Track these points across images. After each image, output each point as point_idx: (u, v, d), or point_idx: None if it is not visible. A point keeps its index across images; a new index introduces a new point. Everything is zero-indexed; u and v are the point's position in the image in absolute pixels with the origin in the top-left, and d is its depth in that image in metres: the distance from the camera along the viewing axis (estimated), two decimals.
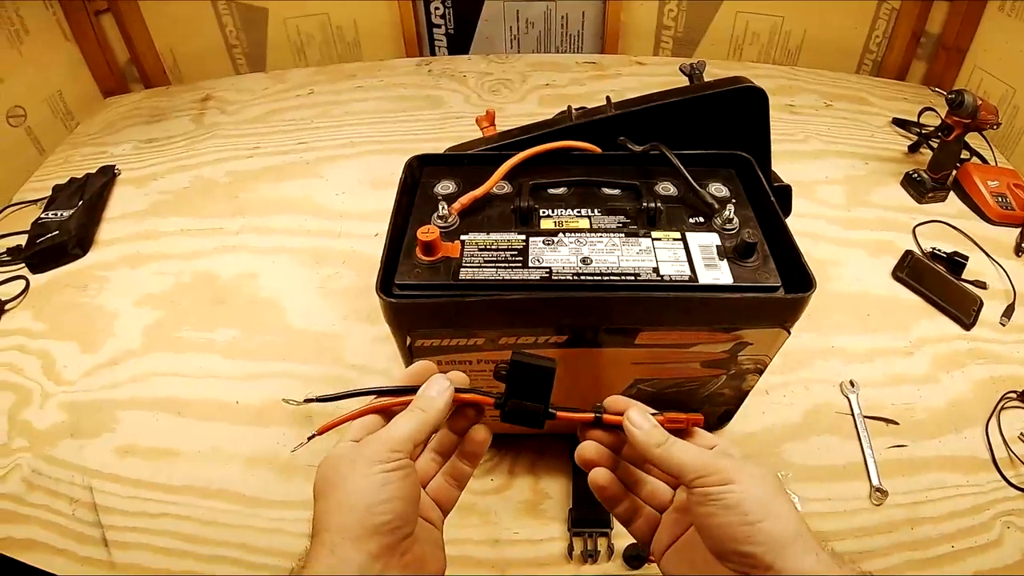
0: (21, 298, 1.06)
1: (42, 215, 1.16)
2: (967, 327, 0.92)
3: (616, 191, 0.68)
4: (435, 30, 1.56)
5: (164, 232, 1.15)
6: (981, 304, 0.94)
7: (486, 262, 0.60)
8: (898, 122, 1.26)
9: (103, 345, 0.97)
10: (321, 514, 0.39)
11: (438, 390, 0.45)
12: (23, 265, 1.11)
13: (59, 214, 1.16)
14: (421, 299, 0.58)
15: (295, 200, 1.19)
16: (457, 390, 0.46)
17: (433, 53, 1.60)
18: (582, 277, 0.59)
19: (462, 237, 0.62)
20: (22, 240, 1.13)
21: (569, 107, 0.77)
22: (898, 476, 0.77)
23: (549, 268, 0.59)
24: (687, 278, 0.59)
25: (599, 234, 0.63)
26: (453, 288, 0.58)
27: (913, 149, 1.19)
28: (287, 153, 1.29)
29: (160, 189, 1.24)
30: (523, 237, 0.62)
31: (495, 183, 0.66)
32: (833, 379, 0.86)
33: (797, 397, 0.84)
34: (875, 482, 0.76)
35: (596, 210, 0.66)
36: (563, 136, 0.72)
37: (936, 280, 0.96)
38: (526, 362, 0.46)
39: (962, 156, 1.11)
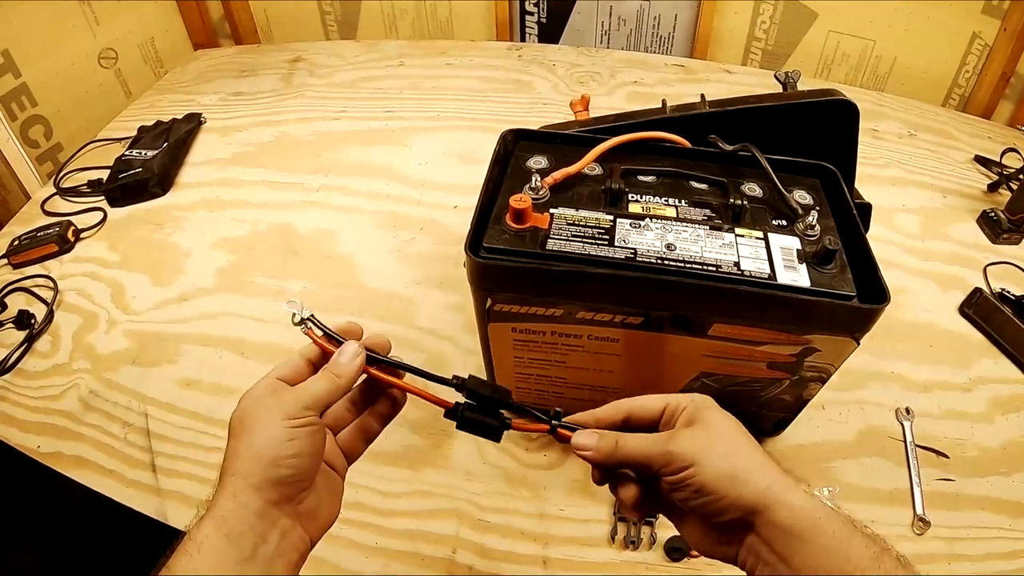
0: (97, 228, 1.11)
1: (126, 152, 1.22)
2: None
3: (704, 186, 0.70)
4: (527, 17, 1.58)
5: (245, 181, 1.19)
6: None
7: (573, 236, 0.62)
8: (980, 160, 1.24)
9: (174, 281, 1.01)
10: (231, 455, 0.42)
11: (348, 356, 0.47)
12: (102, 198, 1.16)
13: (143, 153, 1.21)
14: (508, 263, 0.60)
15: (378, 165, 1.22)
16: (381, 360, 0.49)
17: (523, 39, 1.62)
18: (666, 262, 0.60)
19: (551, 210, 0.64)
20: (104, 174, 1.18)
21: (664, 101, 0.79)
22: (942, 509, 0.76)
23: (634, 250, 0.61)
24: (766, 276, 0.60)
25: (684, 224, 0.64)
26: (540, 257, 0.60)
27: (992, 188, 1.18)
28: (373, 120, 1.32)
29: (244, 141, 1.28)
30: (611, 217, 0.64)
31: (588, 163, 0.68)
32: (889, 404, 0.86)
33: (852, 416, 0.84)
34: (919, 511, 0.76)
35: (683, 201, 0.67)
36: (656, 127, 0.73)
37: (1002, 321, 0.95)
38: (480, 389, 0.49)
39: None
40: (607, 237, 0.62)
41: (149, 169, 1.16)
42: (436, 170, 1.20)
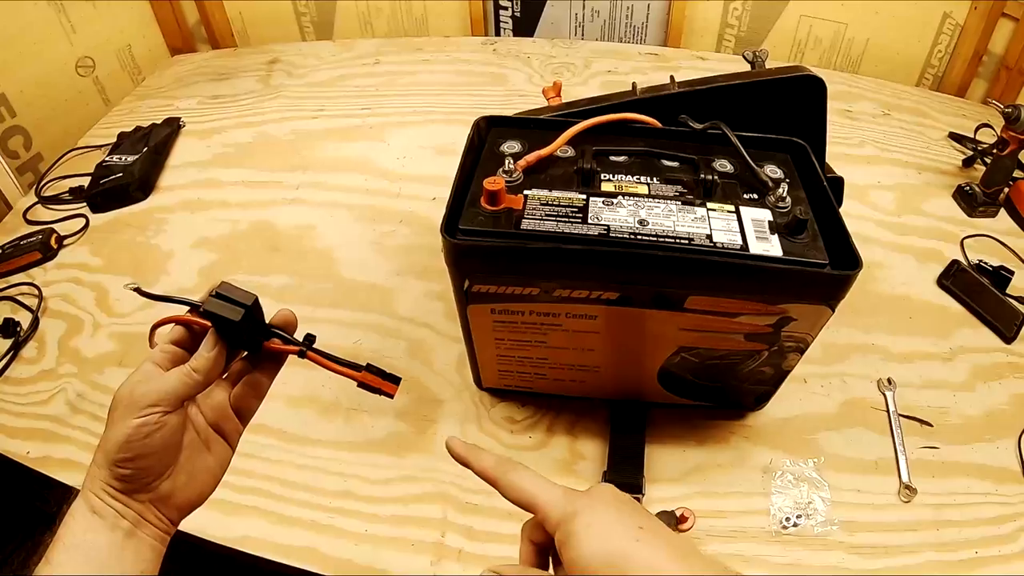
0: (80, 235, 1.11)
1: (106, 158, 1.21)
2: (1008, 340, 0.92)
3: (675, 163, 0.70)
4: (502, 12, 1.58)
5: (225, 182, 1.19)
6: None
7: (547, 215, 0.62)
8: (954, 136, 1.26)
9: (157, 282, 1.01)
10: (101, 439, 0.44)
11: (208, 347, 0.47)
12: (84, 205, 1.16)
13: (123, 158, 1.20)
14: (483, 243, 0.60)
15: (356, 161, 1.22)
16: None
17: (498, 34, 1.62)
18: (638, 237, 0.61)
19: (525, 192, 0.65)
20: (84, 182, 1.18)
21: (634, 83, 0.79)
22: (927, 477, 0.77)
23: (607, 226, 0.61)
24: (738, 247, 0.61)
25: (656, 200, 0.65)
26: (515, 236, 0.61)
27: (967, 163, 1.19)
28: (351, 117, 1.32)
29: (223, 142, 1.28)
30: (584, 196, 0.65)
31: (560, 145, 0.68)
32: (871, 375, 0.87)
33: (834, 389, 0.85)
34: (905, 479, 0.77)
35: (655, 178, 0.68)
36: (627, 109, 0.74)
37: (980, 292, 0.96)
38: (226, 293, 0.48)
39: (1015, 175, 1.10)
40: (580, 215, 0.62)
41: (130, 174, 1.16)
42: (414, 163, 1.21)
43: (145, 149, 1.22)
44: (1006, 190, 1.09)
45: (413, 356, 0.88)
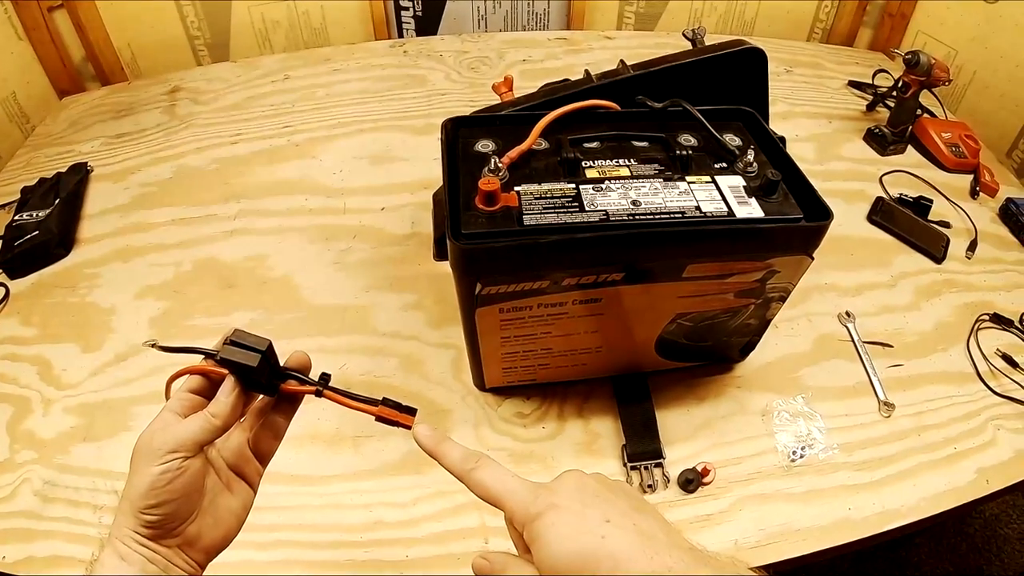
0: (2, 306, 1.01)
1: (16, 218, 1.11)
2: (938, 261, 1.02)
3: (644, 143, 0.73)
4: (403, 13, 1.57)
5: (154, 223, 1.12)
6: (948, 241, 1.04)
7: (545, 208, 0.63)
8: (854, 84, 1.37)
9: (105, 343, 0.94)
10: (125, 487, 0.45)
11: (226, 392, 0.48)
12: None
13: (35, 215, 1.11)
14: (493, 244, 0.61)
15: (292, 181, 1.18)
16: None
17: (401, 35, 1.60)
18: (637, 217, 0.63)
19: (516, 188, 0.66)
20: None
21: (586, 70, 0.82)
22: (900, 391, 0.86)
23: (605, 211, 0.63)
24: (726, 213, 0.64)
25: (640, 180, 0.67)
26: (521, 233, 0.61)
27: (870, 108, 1.30)
28: (274, 137, 1.28)
29: (141, 182, 1.20)
30: (573, 186, 0.66)
31: (536, 138, 0.69)
32: (831, 311, 0.94)
33: (803, 329, 0.92)
34: (882, 397, 0.84)
35: (631, 160, 0.70)
36: (587, 96, 0.76)
37: (907, 221, 1.06)
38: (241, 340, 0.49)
39: (917, 113, 1.21)
40: (576, 204, 0.64)
41: (47, 230, 1.07)
42: (352, 176, 1.18)
43: (57, 201, 1.14)
44: (910, 128, 1.20)
45: (407, 371, 0.87)
